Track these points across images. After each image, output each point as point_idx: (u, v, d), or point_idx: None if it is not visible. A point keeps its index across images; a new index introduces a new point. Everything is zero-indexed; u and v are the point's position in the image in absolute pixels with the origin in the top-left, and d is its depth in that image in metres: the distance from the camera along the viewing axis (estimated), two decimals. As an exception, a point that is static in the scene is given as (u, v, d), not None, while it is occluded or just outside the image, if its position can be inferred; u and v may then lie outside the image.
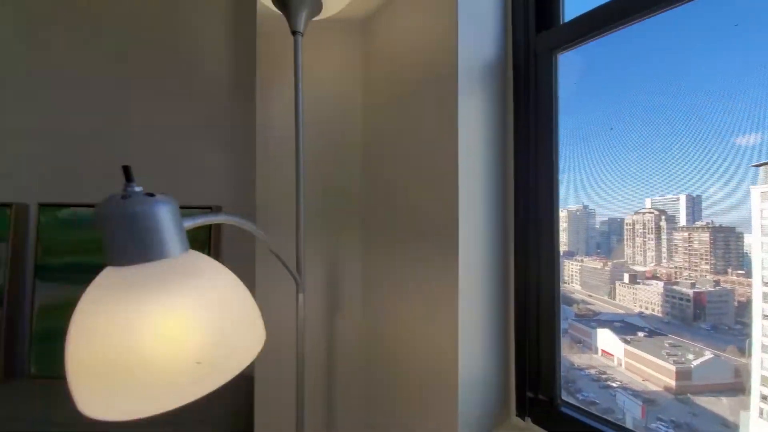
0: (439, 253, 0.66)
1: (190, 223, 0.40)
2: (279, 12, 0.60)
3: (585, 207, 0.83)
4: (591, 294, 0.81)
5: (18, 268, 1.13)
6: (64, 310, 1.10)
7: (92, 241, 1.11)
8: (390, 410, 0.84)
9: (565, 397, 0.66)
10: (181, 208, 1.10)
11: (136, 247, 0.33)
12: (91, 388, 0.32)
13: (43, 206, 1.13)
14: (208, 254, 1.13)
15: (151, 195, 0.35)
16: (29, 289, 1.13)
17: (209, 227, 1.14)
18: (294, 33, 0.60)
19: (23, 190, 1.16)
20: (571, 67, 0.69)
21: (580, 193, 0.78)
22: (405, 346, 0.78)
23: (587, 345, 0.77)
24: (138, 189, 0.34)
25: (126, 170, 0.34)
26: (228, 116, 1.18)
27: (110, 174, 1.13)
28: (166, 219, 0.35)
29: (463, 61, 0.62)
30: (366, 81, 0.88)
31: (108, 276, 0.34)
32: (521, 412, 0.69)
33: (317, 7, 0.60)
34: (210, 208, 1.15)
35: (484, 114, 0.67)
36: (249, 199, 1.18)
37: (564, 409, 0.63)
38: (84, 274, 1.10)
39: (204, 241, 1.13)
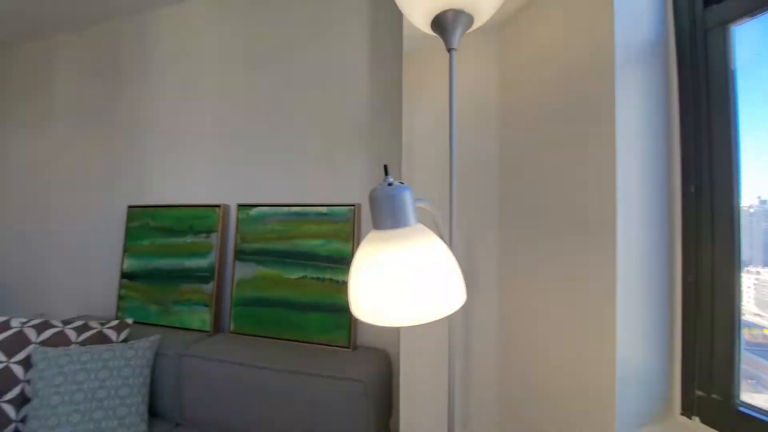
0: (593, 245, 0.67)
1: (417, 203, 0.56)
2: (423, 34, 0.73)
3: (762, 202, 0.72)
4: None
5: (224, 252, 1.55)
6: (254, 284, 1.45)
7: (273, 232, 1.45)
8: (529, 405, 0.87)
9: None
10: (331, 206, 1.35)
11: (392, 217, 0.51)
12: (361, 300, 0.49)
13: (240, 206, 1.52)
14: (352, 242, 1.35)
15: (397, 184, 0.52)
16: (230, 267, 1.54)
17: (353, 222, 1.36)
18: (450, 50, 0.72)
19: (227, 195, 1.59)
20: (746, 40, 0.63)
21: (757, 184, 0.68)
22: (548, 339, 0.81)
23: (764, 383, 0.65)
24: (391, 180, 0.50)
25: (385, 168, 0.53)
26: (368, 130, 1.40)
27: (284, 182, 1.47)
28: (409, 200, 0.50)
29: (620, 44, 0.64)
30: (503, 80, 0.95)
31: (373, 236, 0.53)
32: (687, 411, 0.65)
33: (470, 22, 0.71)
34: (353, 206, 1.37)
35: (645, 99, 0.67)
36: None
37: (743, 409, 0.58)
38: (268, 256, 1.44)
39: (349, 232, 1.35)
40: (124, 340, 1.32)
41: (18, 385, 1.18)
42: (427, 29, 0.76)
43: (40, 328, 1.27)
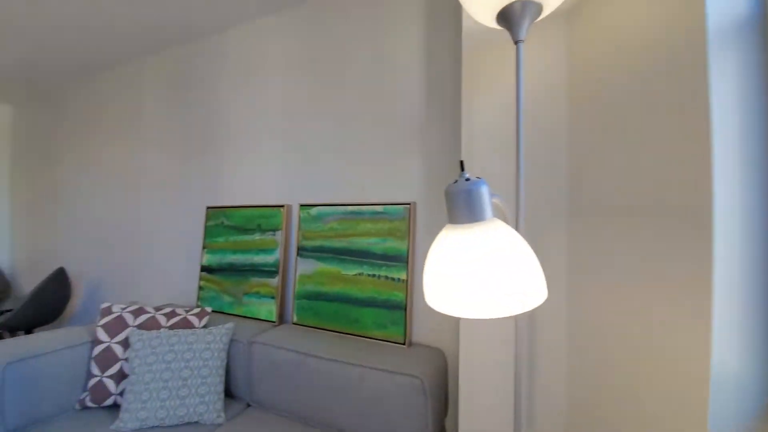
0: (683, 239, 0.62)
1: (495, 198, 0.57)
2: (484, 28, 0.72)
3: None
4: None
5: (287, 249, 1.66)
6: (314, 279, 1.53)
7: (331, 230, 1.52)
8: (603, 407, 0.82)
9: None
10: (386, 204, 1.38)
11: (469, 211, 0.52)
12: (439, 293, 0.50)
13: (302, 206, 1.62)
14: (408, 240, 1.36)
15: (474, 179, 0.53)
16: (293, 263, 1.64)
17: (409, 221, 1.38)
18: (517, 42, 0.71)
19: (290, 195, 1.71)
20: None
21: None
22: (627, 338, 0.75)
23: None
24: (468, 175, 0.51)
25: (461, 164, 0.55)
26: (423, 128, 1.41)
27: (344, 183, 1.54)
28: (486, 194, 0.51)
29: (712, 21, 0.58)
30: (572, 69, 0.90)
31: (450, 230, 0.55)
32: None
33: (538, 12, 0.69)
34: (409, 204, 1.39)
35: (743, 78, 0.61)
36: (439, 196, 1.37)
37: None
38: (327, 253, 1.52)
39: (405, 230, 1.37)
40: (205, 326, 1.47)
41: (118, 362, 1.37)
42: (491, 23, 0.76)
43: (136, 313, 1.46)
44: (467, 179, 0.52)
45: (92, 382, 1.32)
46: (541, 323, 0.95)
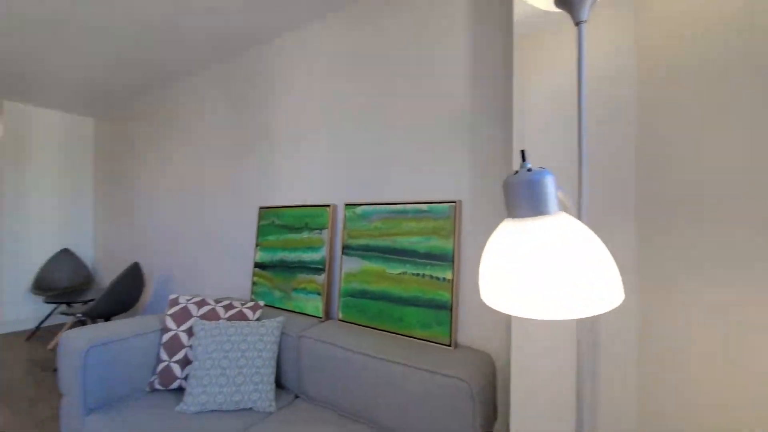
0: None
1: (558, 191, 0.53)
2: (537, 12, 0.68)
3: None
4: None
5: (333, 247, 1.71)
6: (359, 277, 1.55)
7: (375, 229, 1.53)
8: (681, 421, 0.73)
9: None
10: (431, 203, 1.35)
11: (532, 205, 0.49)
12: (490, 286, 0.48)
13: (347, 205, 1.65)
14: (453, 242, 1.33)
15: (537, 169, 0.50)
16: (338, 261, 1.68)
17: (454, 219, 1.34)
18: (578, 24, 0.66)
19: (336, 195, 1.75)
20: None
21: None
22: (711, 347, 0.67)
23: None
24: (530, 165, 0.48)
25: (522, 153, 0.52)
26: (468, 125, 1.37)
27: (388, 182, 1.54)
28: (551, 186, 0.49)
29: None
30: (640, 51, 0.82)
31: (510, 225, 0.51)
32: None
33: (601, -8, 0.64)
34: (454, 202, 1.36)
35: None
36: (486, 193, 1.32)
37: None
38: (371, 252, 1.53)
39: (450, 229, 1.34)
40: (258, 319, 1.56)
41: (183, 349, 1.49)
42: (549, 6, 0.72)
43: (199, 305, 1.58)
44: (529, 169, 0.49)
45: (161, 366, 1.45)
46: (606, 327, 0.87)
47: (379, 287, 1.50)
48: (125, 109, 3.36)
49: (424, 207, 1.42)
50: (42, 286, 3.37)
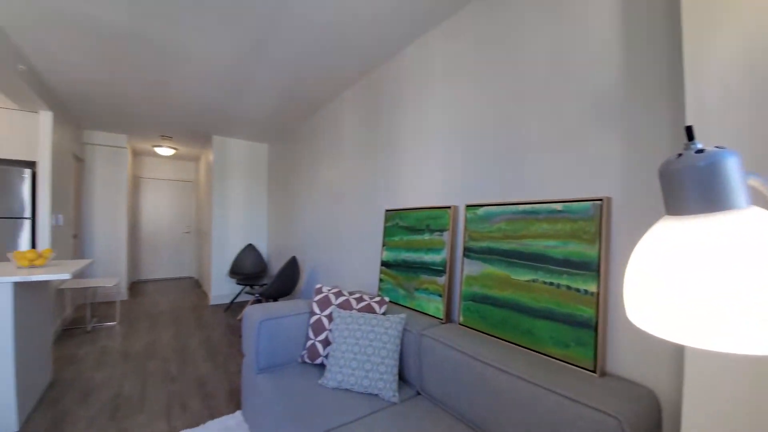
0: None
1: (751, 179, 0.38)
2: None
3: None
4: None
5: (454, 250, 1.69)
6: (481, 281, 1.48)
7: (499, 231, 1.44)
8: None
9: None
10: (567, 201, 1.16)
11: (705, 196, 0.36)
12: (637, 303, 0.39)
13: (468, 206, 1.61)
14: (599, 247, 1.12)
15: (711, 149, 0.37)
16: (459, 263, 1.65)
17: (600, 220, 1.14)
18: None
19: (457, 196, 1.73)
20: None
21: None
22: None
23: None
24: (700, 145, 0.37)
25: (688, 130, 0.38)
26: (617, 107, 1.14)
27: (513, 181, 1.43)
28: (735, 171, 0.35)
29: None
30: None
31: (672, 224, 0.39)
32: None
33: None
34: (600, 200, 1.15)
35: None
36: (645, 188, 1.07)
37: None
38: (494, 255, 1.45)
39: (594, 232, 1.14)
40: (384, 313, 1.68)
41: (325, 331, 1.73)
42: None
43: (336, 295, 1.82)
44: (699, 150, 0.36)
45: (308, 343, 1.73)
46: None
47: (503, 294, 1.40)
48: (287, 134, 4.18)
49: (558, 206, 1.26)
50: (235, 271, 4.49)
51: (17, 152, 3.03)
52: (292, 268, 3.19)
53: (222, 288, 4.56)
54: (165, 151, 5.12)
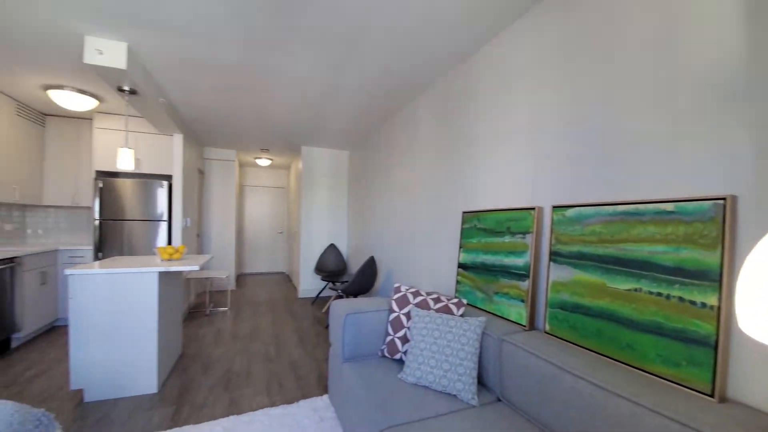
0: None
1: None
2: None
3: None
4: None
5: (538, 253, 1.60)
6: (571, 288, 1.38)
7: (593, 234, 1.33)
8: None
9: None
10: (680, 201, 1.02)
11: None
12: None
13: (555, 208, 1.52)
14: (721, 255, 0.96)
15: None
16: (545, 268, 1.56)
17: (722, 222, 0.97)
18: None
19: (541, 197, 1.64)
20: None
21: None
22: None
23: None
24: None
25: None
26: (740, 86, 0.96)
27: (609, 179, 1.30)
28: None
29: None
30: None
31: None
32: None
33: None
34: (721, 199, 0.99)
35: None
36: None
37: None
38: (587, 261, 1.34)
39: (715, 236, 0.98)
40: (461, 315, 1.68)
41: (403, 329, 1.79)
42: None
43: (414, 294, 1.87)
44: None
45: (388, 339, 1.82)
46: None
47: (597, 303, 1.28)
48: (365, 141, 4.41)
49: (668, 207, 1.11)
50: (319, 268, 4.90)
51: (158, 168, 3.80)
52: (370, 268, 3.36)
53: (309, 283, 5.01)
54: (263, 161, 5.85)
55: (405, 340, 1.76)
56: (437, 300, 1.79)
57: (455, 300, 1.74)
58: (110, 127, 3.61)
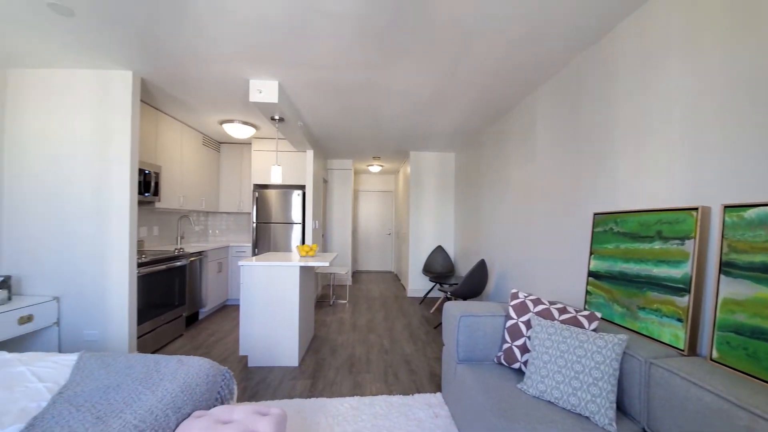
0: None
1: None
2: None
3: None
4: None
5: (702, 263, 1.32)
6: (751, 308, 1.10)
7: (790, 242, 1.03)
8: None
9: None
10: None
11: None
12: None
13: (727, 207, 1.23)
14: None
15: None
16: (712, 282, 1.28)
17: None
18: None
19: (705, 194, 1.34)
20: None
21: None
22: None
23: None
24: None
25: None
26: None
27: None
28: None
29: None
30: None
31: None
32: None
33: None
34: None
35: None
36: None
37: None
38: (780, 275, 1.05)
39: None
40: (594, 330, 1.50)
41: (522, 337, 1.71)
42: None
43: (535, 302, 1.76)
44: None
45: (505, 346, 1.76)
46: None
47: (800, 331, 0.99)
48: (473, 142, 4.32)
49: None
50: (427, 269, 5.00)
51: (294, 179, 4.53)
52: (480, 271, 3.27)
53: (416, 283, 5.17)
54: (374, 168, 6.32)
55: (524, 349, 1.68)
56: (563, 310, 1.65)
57: (586, 312, 1.57)
58: (263, 148, 4.48)
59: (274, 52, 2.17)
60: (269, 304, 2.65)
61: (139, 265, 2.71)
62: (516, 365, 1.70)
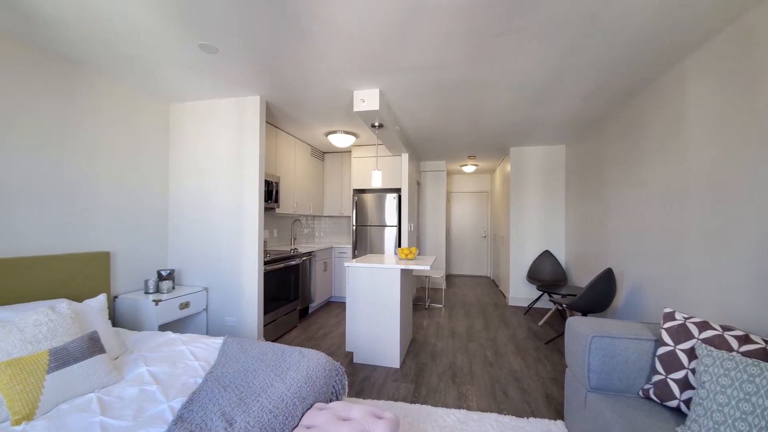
0: None
1: None
2: None
3: None
4: None
5: None
6: None
7: None
8: None
9: None
10: None
11: None
12: None
13: None
14: None
15: None
16: None
17: None
18: None
19: None
20: None
21: None
22: None
23: None
24: None
25: None
26: None
27: None
28: None
29: None
30: None
31: None
32: None
33: None
34: None
35: None
36: None
37: None
38: None
39: None
40: (808, 372, 1.10)
41: (683, 369, 1.36)
42: None
43: (700, 327, 1.40)
44: None
45: (656, 378, 1.43)
46: None
47: None
48: (589, 130, 3.75)
49: None
50: (533, 276, 4.54)
51: (390, 183, 4.63)
52: (606, 281, 2.80)
53: (519, 291, 4.74)
54: (469, 168, 6.06)
55: (686, 385, 1.34)
56: (744, 339, 1.26)
57: (789, 346, 1.17)
58: (361, 155, 4.72)
59: (377, 59, 2.22)
60: (372, 303, 2.73)
61: (265, 263, 3.11)
62: (672, 403, 1.37)
